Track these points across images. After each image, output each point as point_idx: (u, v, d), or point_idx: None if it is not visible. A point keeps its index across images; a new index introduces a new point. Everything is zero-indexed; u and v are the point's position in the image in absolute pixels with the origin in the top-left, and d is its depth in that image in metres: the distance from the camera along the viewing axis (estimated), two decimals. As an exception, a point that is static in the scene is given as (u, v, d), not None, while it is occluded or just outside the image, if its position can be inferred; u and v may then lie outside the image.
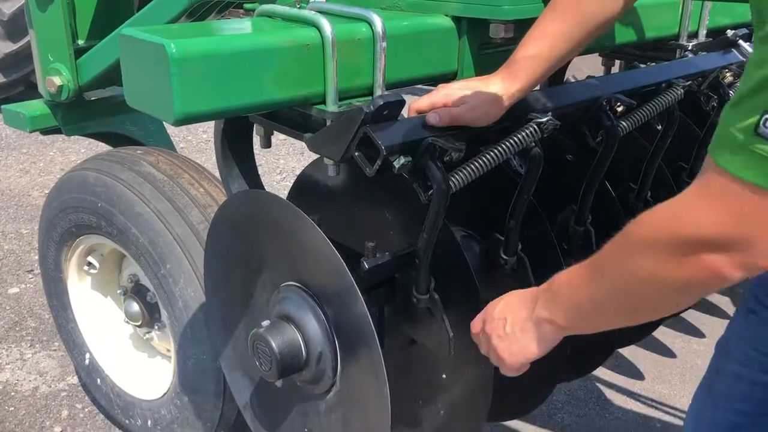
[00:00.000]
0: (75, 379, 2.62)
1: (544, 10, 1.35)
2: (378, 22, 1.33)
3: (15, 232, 3.79)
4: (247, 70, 1.22)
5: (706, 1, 1.98)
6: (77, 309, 2.31)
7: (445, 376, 1.42)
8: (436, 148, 1.23)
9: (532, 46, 1.32)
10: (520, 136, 1.32)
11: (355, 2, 1.43)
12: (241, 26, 1.39)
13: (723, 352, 1.38)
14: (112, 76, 2.03)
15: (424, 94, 1.37)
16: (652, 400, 2.61)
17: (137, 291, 2.15)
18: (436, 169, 1.22)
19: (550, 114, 1.35)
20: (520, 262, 1.48)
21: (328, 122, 1.33)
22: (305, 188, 1.59)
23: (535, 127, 1.33)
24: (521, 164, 1.40)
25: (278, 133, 1.49)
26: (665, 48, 1.99)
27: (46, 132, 2.28)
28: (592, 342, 1.71)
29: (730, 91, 1.81)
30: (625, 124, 1.55)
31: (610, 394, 2.63)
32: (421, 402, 1.52)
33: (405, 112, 1.30)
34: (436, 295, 1.34)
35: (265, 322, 1.35)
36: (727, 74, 1.86)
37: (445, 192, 1.22)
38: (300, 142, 1.39)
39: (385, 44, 1.34)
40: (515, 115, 1.35)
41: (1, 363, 2.72)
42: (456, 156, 1.26)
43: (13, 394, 2.56)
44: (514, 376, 1.18)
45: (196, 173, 2.03)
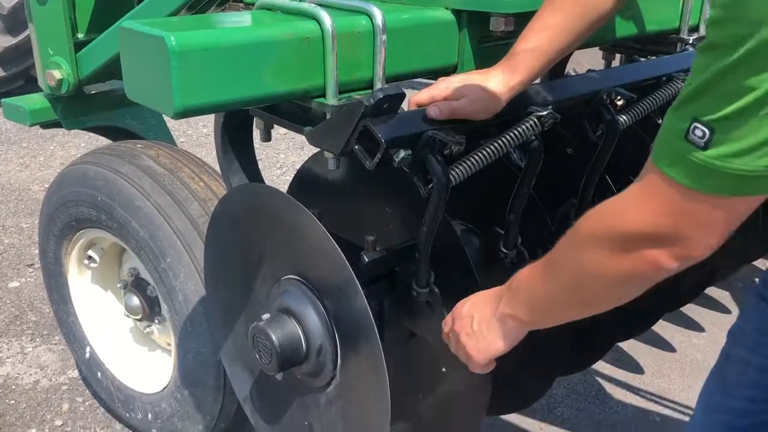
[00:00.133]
0: (76, 373, 2.63)
1: (544, 3, 1.35)
2: (378, 15, 1.33)
3: (15, 226, 3.79)
4: (246, 63, 1.22)
5: (707, -6, 1.98)
6: (77, 303, 2.32)
7: (444, 369, 1.42)
8: (436, 142, 1.23)
9: (532, 39, 1.32)
10: (520, 130, 1.32)
11: (355, -5, 1.43)
12: (241, 19, 1.39)
13: (734, 339, 1.38)
14: (112, 69, 2.02)
15: (424, 87, 1.37)
16: (652, 394, 2.61)
17: (137, 285, 2.15)
18: (436, 163, 1.22)
19: (551, 107, 1.35)
20: (520, 256, 1.48)
21: (328, 115, 1.33)
22: (305, 182, 1.59)
23: (536, 121, 1.33)
24: (521, 158, 1.40)
25: (278, 128, 1.48)
26: (666, 42, 1.99)
27: (46, 126, 2.28)
28: (592, 336, 1.71)
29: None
30: (625, 118, 1.55)
31: (610, 388, 2.64)
32: (421, 395, 1.52)
33: (405, 106, 1.30)
34: (436, 289, 1.34)
35: (266, 316, 1.35)
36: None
37: (445, 185, 1.22)
38: (300, 136, 1.39)
39: (385, 37, 1.34)
40: (515, 109, 1.35)
41: (2, 357, 2.73)
42: (456, 149, 1.25)
43: (14, 387, 2.57)
44: (515, 372, 1.19)
45: (197, 167, 2.03)
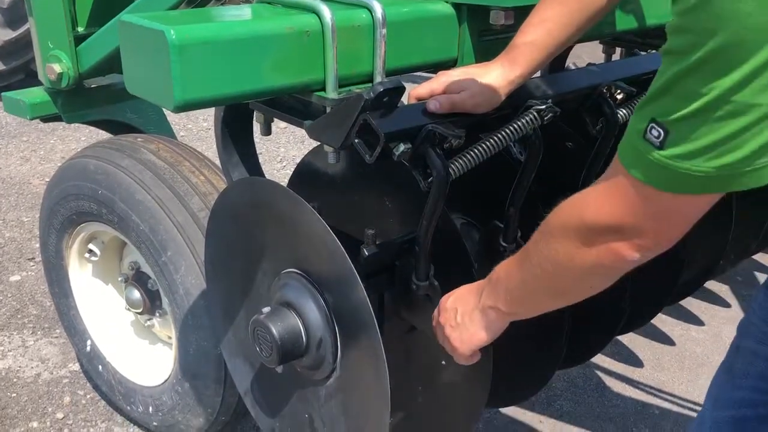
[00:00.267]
0: (77, 366, 2.64)
1: (544, -4, 1.35)
2: (378, 9, 1.33)
3: (16, 219, 3.80)
4: (246, 57, 1.22)
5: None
6: (78, 296, 2.32)
7: (444, 362, 1.42)
8: (436, 135, 1.23)
9: (531, 32, 1.32)
10: (519, 123, 1.32)
11: (355, -12, 1.43)
12: (241, 13, 1.39)
13: (743, 331, 1.39)
14: (113, 63, 2.03)
15: (424, 81, 1.37)
16: (651, 388, 2.62)
17: (138, 278, 2.16)
18: (436, 156, 1.22)
19: (550, 101, 1.35)
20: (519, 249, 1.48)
21: (328, 109, 1.33)
22: (305, 176, 1.59)
23: (535, 115, 1.33)
24: (521, 151, 1.40)
25: (278, 122, 1.49)
26: (666, 35, 1.99)
27: (46, 119, 2.28)
28: (591, 329, 1.72)
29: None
30: (625, 112, 1.55)
31: (609, 382, 2.64)
32: (421, 388, 1.53)
33: (405, 99, 1.30)
34: (436, 282, 1.35)
35: (266, 309, 1.35)
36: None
37: (444, 179, 1.22)
38: (300, 130, 1.39)
39: (385, 31, 1.34)
40: (515, 102, 1.35)
41: (4, 350, 2.74)
42: (456, 143, 1.26)
43: (15, 380, 2.58)
44: (515, 364, 1.20)
45: (197, 161, 2.04)
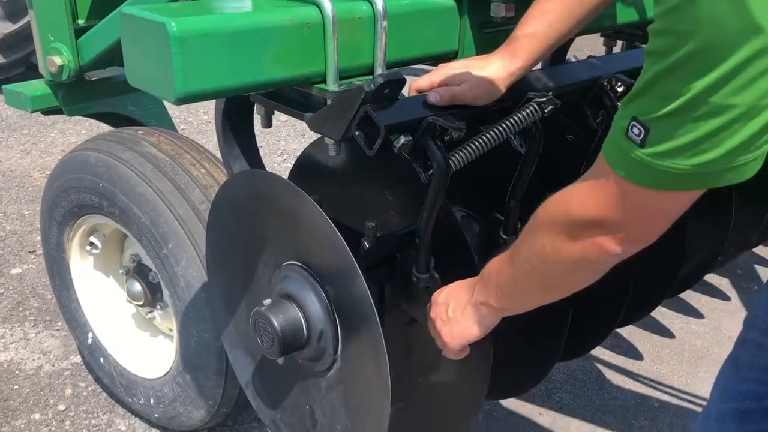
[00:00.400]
0: (78, 359, 2.65)
1: (544, -12, 1.35)
2: (379, 1, 1.33)
3: (17, 212, 3.80)
4: (247, 49, 1.22)
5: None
6: (80, 289, 2.33)
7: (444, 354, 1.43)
8: (437, 128, 1.23)
9: (531, 24, 1.32)
10: (520, 116, 1.32)
11: (356, -19, 1.43)
12: (242, 5, 1.39)
13: (749, 323, 1.39)
14: (113, 55, 2.02)
15: (425, 73, 1.37)
16: (651, 380, 2.63)
17: (139, 271, 2.16)
18: (437, 149, 1.22)
19: (551, 93, 1.35)
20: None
21: (329, 101, 1.33)
22: (306, 168, 1.59)
23: (536, 107, 1.33)
24: (521, 144, 1.40)
25: (279, 115, 1.49)
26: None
27: (47, 112, 2.28)
28: (591, 321, 1.72)
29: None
30: (625, 105, 1.55)
31: (609, 374, 2.65)
32: (421, 380, 1.53)
33: (405, 92, 1.30)
34: (436, 275, 1.35)
35: (267, 301, 1.36)
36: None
37: (445, 171, 1.22)
38: (301, 123, 1.40)
39: (386, 23, 1.34)
40: (516, 95, 1.35)
41: (5, 342, 2.75)
42: (456, 135, 1.26)
43: (17, 372, 2.59)
44: (515, 357, 1.20)
45: (198, 154, 2.04)
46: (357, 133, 1.22)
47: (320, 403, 1.44)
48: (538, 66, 1.45)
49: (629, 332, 2.84)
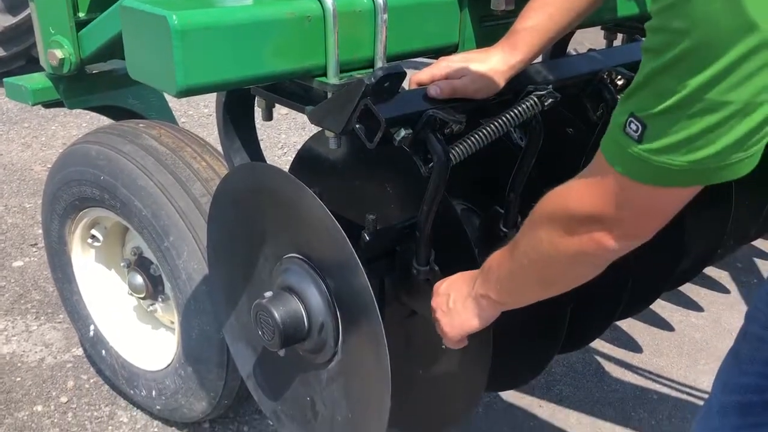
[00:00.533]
0: (80, 351, 2.66)
1: (544, -19, 1.35)
2: (379, -6, 1.33)
3: (18, 206, 3.80)
4: (248, 42, 1.22)
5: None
6: (81, 282, 2.34)
7: (444, 346, 1.43)
8: (437, 121, 1.23)
9: (532, 17, 1.32)
10: (520, 109, 1.32)
11: (357, -26, 1.43)
12: (243, -2, 1.39)
13: (750, 317, 1.40)
14: (114, 48, 2.02)
15: (425, 66, 1.37)
16: (650, 373, 2.64)
17: (141, 264, 2.17)
18: (437, 142, 1.23)
19: (551, 87, 1.35)
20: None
21: (329, 94, 1.34)
22: (307, 161, 1.60)
23: (536, 100, 1.33)
24: (522, 137, 1.41)
25: (279, 108, 1.49)
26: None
27: (48, 105, 2.28)
28: (590, 314, 1.73)
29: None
30: (625, 98, 1.55)
31: (608, 367, 2.66)
32: (421, 371, 1.54)
33: (406, 85, 1.31)
34: (436, 267, 1.36)
35: (268, 293, 1.37)
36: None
37: (445, 164, 1.23)
38: (301, 117, 1.40)
39: (386, 16, 1.34)
40: (516, 88, 1.36)
41: (8, 335, 2.76)
42: (456, 128, 1.26)
43: (19, 365, 2.60)
44: (515, 349, 1.21)
45: (199, 147, 2.04)
46: (357, 126, 1.23)
47: (321, 395, 1.44)
48: (539, 59, 1.45)
49: (629, 325, 2.84)
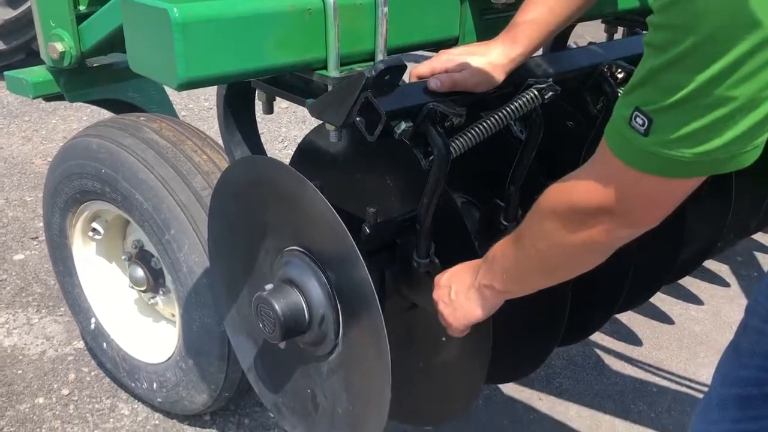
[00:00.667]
0: (81, 344, 2.67)
1: (545, -25, 1.35)
2: (380, -13, 1.33)
3: (19, 199, 3.81)
4: (249, 35, 1.22)
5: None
6: (82, 275, 2.34)
7: (444, 338, 1.44)
8: (437, 114, 1.24)
9: (532, 10, 1.32)
10: (520, 102, 1.32)
11: (357, -33, 1.43)
12: (243, -9, 1.39)
13: (750, 310, 1.41)
14: (115, 42, 2.02)
15: (426, 60, 1.37)
16: (650, 366, 2.65)
17: (142, 257, 2.18)
18: (437, 135, 1.23)
19: (551, 80, 1.36)
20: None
21: (330, 88, 1.34)
22: (307, 154, 1.60)
23: (536, 93, 1.33)
24: (522, 130, 1.41)
25: (280, 102, 1.49)
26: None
27: (49, 98, 2.28)
28: (590, 307, 1.73)
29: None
30: (626, 91, 1.55)
31: (608, 360, 2.67)
32: (421, 364, 1.55)
33: (406, 78, 1.31)
34: (437, 260, 1.36)
35: (269, 286, 1.37)
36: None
37: (445, 157, 1.23)
38: (301, 111, 1.41)
39: (387, 9, 1.34)
40: (516, 81, 1.36)
41: (9, 328, 2.76)
42: (457, 121, 1.26)
43: (21, 357, 2.61)
44: (515, 342, 1.21)
45: (199, 140, 2.04)
46: (358, 119, 1.23)
47: (322, 387, 1.45)
48: (539, 52, 1.45)
49: (628, 318, 2.85)
